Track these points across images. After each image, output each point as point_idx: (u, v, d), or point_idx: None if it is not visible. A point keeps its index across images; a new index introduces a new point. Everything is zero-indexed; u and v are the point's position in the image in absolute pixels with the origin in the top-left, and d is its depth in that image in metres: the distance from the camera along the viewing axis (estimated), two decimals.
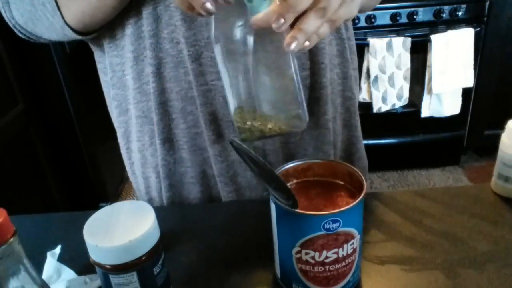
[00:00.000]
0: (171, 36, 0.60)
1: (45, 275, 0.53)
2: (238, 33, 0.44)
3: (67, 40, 0.64)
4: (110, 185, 2.07)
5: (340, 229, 0.43)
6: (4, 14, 0.62)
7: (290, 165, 0.50)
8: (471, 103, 2.13)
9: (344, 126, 0.74)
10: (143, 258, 0.41)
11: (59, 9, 0.57)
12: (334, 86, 0.69)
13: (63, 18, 0.58)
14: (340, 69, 0.69)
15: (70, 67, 1.75)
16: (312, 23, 0.40)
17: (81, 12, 0.57)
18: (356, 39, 0.94)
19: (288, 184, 0.49)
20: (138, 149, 0.70)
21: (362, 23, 1.91)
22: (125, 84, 0.66)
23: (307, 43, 0.41)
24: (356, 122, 0.75)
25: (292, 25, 0.41)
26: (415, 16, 1.90)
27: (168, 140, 0.66)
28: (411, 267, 0.52)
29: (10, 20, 0.62)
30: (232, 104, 0.47)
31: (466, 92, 2.05)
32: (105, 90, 0.72)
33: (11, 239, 0.32)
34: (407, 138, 2.22)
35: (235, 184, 0.68)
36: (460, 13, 1.91)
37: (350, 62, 0.70)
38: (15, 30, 0.64)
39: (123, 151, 0.73)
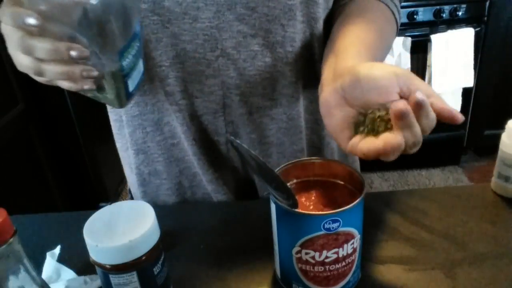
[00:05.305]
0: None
1: (44, 275, 0.53)
2: None
3: None
4: (110, 185, 2.07)
5: (340, 229, 0.43)
6: None
7: (290, 165, 0.50)
8: (471, 103, 2.13)
9: None
10: (143, 258, 0.41)
11: None
12: None
13: None
14: None
15: None
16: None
17: None
18: None
19: (288, 184, 0.49)
20: (119, 149, 0.72)
21: None
22: None
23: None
24: None
25: None
26: (415, 16, 1.90)
27: (143, 152, 0.67)
28: (411, 267, 0.52)
29: None
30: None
31: (466, 92, 2.05)
32: None
33: (11, 239, 0.32)
34: None
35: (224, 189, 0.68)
36: (460, 13, 1.91)
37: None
38: None
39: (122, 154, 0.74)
